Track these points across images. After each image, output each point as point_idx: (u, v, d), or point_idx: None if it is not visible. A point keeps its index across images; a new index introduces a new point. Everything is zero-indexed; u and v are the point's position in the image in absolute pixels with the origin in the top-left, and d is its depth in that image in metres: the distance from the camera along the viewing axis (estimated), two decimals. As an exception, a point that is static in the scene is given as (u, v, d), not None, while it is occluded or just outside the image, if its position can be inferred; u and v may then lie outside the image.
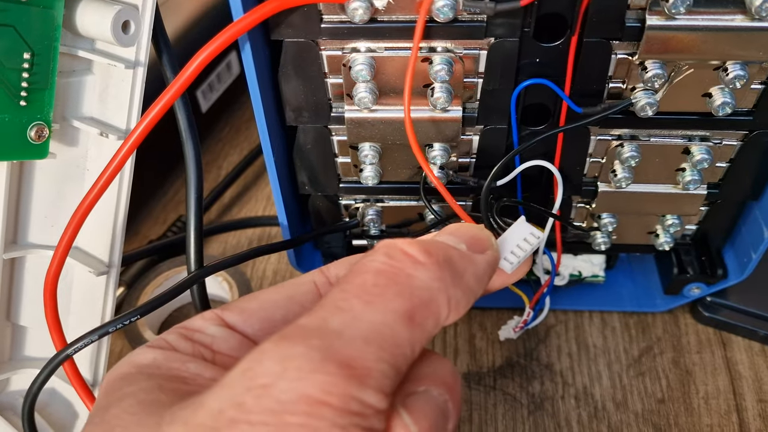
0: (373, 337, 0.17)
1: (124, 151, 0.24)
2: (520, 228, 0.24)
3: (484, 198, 0.27)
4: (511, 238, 0.23)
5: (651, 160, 0.29)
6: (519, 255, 0.23)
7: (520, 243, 0.23)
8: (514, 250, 0.23)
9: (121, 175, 0.28)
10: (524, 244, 0.23)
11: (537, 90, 0.27)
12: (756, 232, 0.31)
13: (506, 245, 0.23)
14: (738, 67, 0.25)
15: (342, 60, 0.26)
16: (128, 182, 0.28)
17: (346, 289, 0.18)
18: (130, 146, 0.24)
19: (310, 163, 0.31)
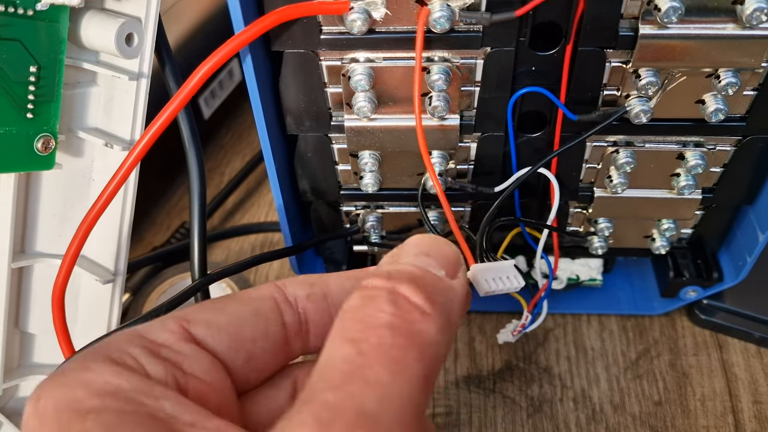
0: (406, 416, 0.16)
1: (128, 163, 0.25)
2: (509, 268, 0.24)
3: (483, 229, 0.27)
4: (496, 269, 0.24)
5: (646, 166, 0.29)
6: (493, 287, 0.23)
7: (502, 278, 0.24)
8: (493, 280, 0.23)
9: (126, 184, 0.28)
10: (505, 281, 0.23)
11: (533, 98, 0.27)
12: (750, 236, 0.32)
13: (489, 272, 0.24)
14: (730, 74, 0.26)
15: (341, 70, 0.27)
16: (133, 192, 0.29)
17: (365, 352, 0.16)
18: (134, 158, 0.25)
19: (311, 171, 0.31)
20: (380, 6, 0.24)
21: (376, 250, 0.34)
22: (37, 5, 0.24)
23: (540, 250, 0.31)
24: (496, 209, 0.28)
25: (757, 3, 0.23)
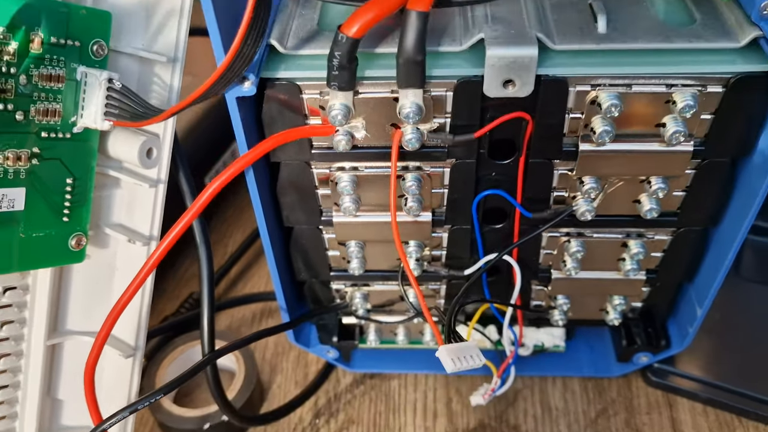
0: None
1: (149, 265, 0.29)
2: (472, 348, 0.29)
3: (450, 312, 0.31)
4: (461, 349, 0.28)
5: (595, 252, 0.34)
6: (458, 366, 0.28)
7: (466, 357, 0.28)
8: (458, 359, 0.28)
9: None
10: (469, 360, 0.28)
11: (495, 197, 0.32)
12: (691, 310, 0.36)
13: (455, 352, 0.28)
14: (660, 180, 0.30)
15: (330, 177, 0.31)
16: (151, 283, 0.33)
17: None
18: (154, 261, 0.29)
19: (305, 255, 0.35)
20: (361, 129, 0.29)
21: (363, 322, 0.39)
22: (73, 129, 0.29)
23: (506, 323, 0.35)
24: (464, 293, 0.32)
25: (675, 127, 0.28)
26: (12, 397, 0.34)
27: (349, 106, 0.27)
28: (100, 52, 0.29)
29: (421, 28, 0.25)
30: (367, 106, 0.28)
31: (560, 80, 0.27)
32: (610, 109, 0.27)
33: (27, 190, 0.28)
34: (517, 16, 0.27)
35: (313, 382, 0.40)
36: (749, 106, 0.27)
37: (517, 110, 0.28)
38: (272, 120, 0.29)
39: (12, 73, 0.26)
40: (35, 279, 0.32)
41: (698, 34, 0.27)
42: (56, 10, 0.27)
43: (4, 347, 0.32)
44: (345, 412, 0.40)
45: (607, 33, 0.27)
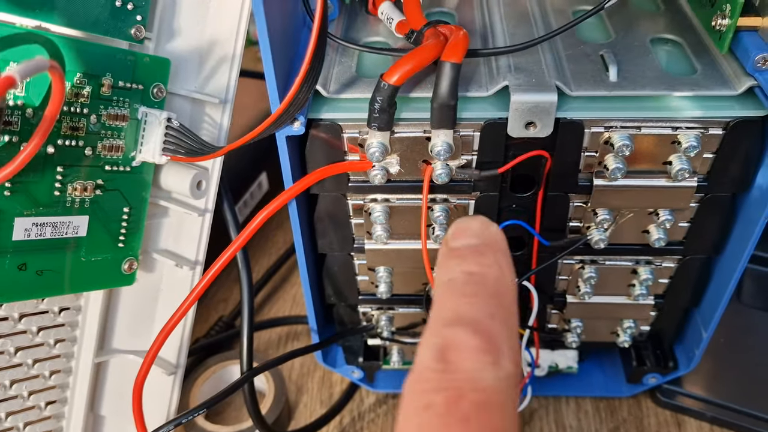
0: None
1: (199, 288, 0.32)
2: None
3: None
4: None
5: (607, 279, 0.36)
6: None
7: None
8: None
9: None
10: None
11: (515, 226, 0.34)
12: (696, 332, 0.38)
13: None
14: (667, 212, 0.33)
15: (363, 207, 0.34)
16: (194, 308, 0.36)
17: None
18: (205, 283, 0.32)
19: (336, 281, 0.38)
20: (395, 165, 0.32)
21: (387, 344, 0.41)
22: (132, 163, 0.32)
23: (524, 345, 0.38)
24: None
25: (681, 164, 0.30)
26: (59, 413, 0.36)
27: (385, 144, 0.30)
28: (159, 95, 0.32)
29: (454, 77, 0.28)
30: (401, 144, 0.31)
31: (576, 122, 0.30)
32: (621, 148, 0.30)
33: (90, 217, 0.31)
34: (537, 66, 0.30)
35: (338, 402, 0.42)
36: (746, 147, 0.30)
37: (537, 149, 0.31)
38: (315, 156, 0.32)
39: (85, 113, 0.29)
40: (87, 300, 0.35)
41: (699, 83, 0.30)
42: (124, 58, 0.30)
43: (55, 364, 0.35)
44: (369, 430, 0.42)
45: (618, 81, 0.30)
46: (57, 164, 0.29)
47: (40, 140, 0.25)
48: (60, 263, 0.31)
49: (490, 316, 0.18)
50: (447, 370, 0.16)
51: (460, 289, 0.19)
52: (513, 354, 0.17)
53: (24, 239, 0.29)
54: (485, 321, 0.17)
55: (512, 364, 0.17)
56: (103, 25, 0.29)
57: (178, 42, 0.32)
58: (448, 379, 0.16)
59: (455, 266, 0.20)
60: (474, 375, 0.16)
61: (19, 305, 0.32)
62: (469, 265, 0.19)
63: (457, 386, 0.16)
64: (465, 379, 0.16)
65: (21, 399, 0.34)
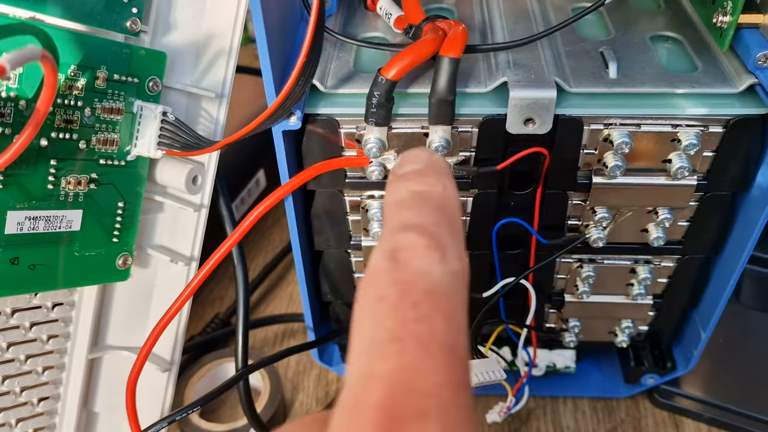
0: None
1: (191, 288, 0.31)
2: (492, 363, 0.31)
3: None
4: (482, 364, 0.31)
5: (605, 278, 0.36)
6: (481, 380, 0.30)
7: (487, 371, 0.30)
8: (480, 374, 0.30)
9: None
10: (490, 374, 0.30)
11: (513, 224, 0.34)
12: (695, 333, 0.38)
13: (476, 368, 0.30)
14: (666, 211, 0.33)
15: (360, 204, 0.34)
16: (189, 305, 0.35)
17: None
18: (199, 279, 0.31)
19: (333, 278, 0.38)
20: (393, 161, 0.31)
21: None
22: (127, 157, 0.32)
23: (521, 344, 0.37)
24: (484, 314, 0.34)
25: (680, 162, 0.30)
26: (52, 409, 0.36)
27: (383, 140, 0.30)
28: (155, 88, 0.31)
29: (452, 72, 0.27)
30: (399, 139, 0.31)
31: (576, 119, 0.30)
32: (621, 146, 0.30)
33: (84, 212, 0.31)
34: (536, 62, 0.30)
35: (334, 400, 0.42)
36: (747, 145, 0.30)
37: (536, 146, 0.31)
38: (311, 152, 0.31)
39: (79, 106, 0.29)
40: (81, 296, 0.34)
41: (699, 80, 0.29)
42: (120, 51, 0.29)
43: (48, 360, 0.34)
44: (365, 428, 0.41)
45: (618, 78, 0.30)
46: (50, 157, 0.29)
47: (32, 132, 0.25)
48: (53, 258, 0.30)
49: (436, 224, 0.19)
50: (398, 268, 0.17)
51: (407, 204, 0.20)
52: (459, 253, 0.18)
53: (16, 233, 0.28)
54: (431, 227, 0.19)
55: (459, 262, 0.18)
56: (98, 17, 0.28)
57: (174, 35, 0.32)
58: (399, 275, 0.17)
59: (402, 187, 0.21)
60: (423, 269, 0.17)
61: (12, 300, 0.31)
62: (415, 185, 0.20)
63: (407, 279, 0.17)
64: (415, 273, 0.17)
65: (13, 395, 0.33)
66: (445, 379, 0.15)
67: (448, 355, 0.16)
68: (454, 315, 0.17)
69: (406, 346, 0.15)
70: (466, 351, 0.16)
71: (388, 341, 0.16)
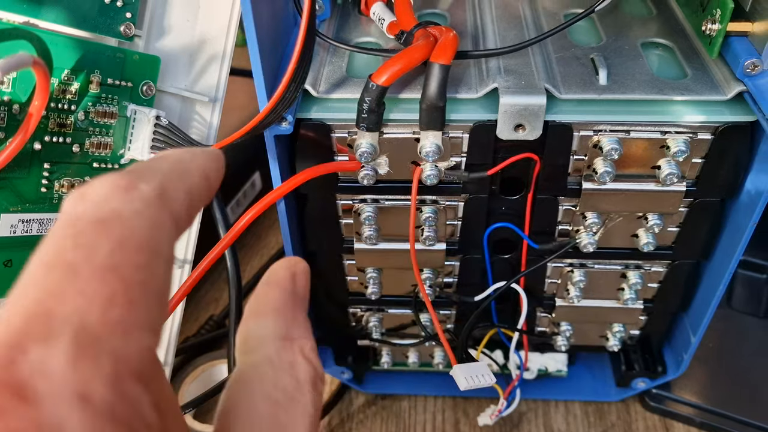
0: None
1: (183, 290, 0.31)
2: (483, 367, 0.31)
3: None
4: (473, 368, 0.31)
5: (596, 282, 0.36)
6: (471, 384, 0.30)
7: (477, 375, 0.31)
8: (471, 377, 0.30)
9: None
10: (480, 379, 0.31)
11: (504, 229, 0.34)
12: (685, 338, 0.38)
13: (467, 371, 0.31)
14: (656, 216, 0.33)
15: (353, 208, 0.34)
16: (181, 307, 0.36)
17: None
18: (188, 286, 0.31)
19: (325, 281, 0.38)
20: (384, 166, 0.32)
21: (377, 345, 0.41)
22: (121, 160, 0.32)
23: (513, 347, 0.38)
24: (476, 318, 0.35)
25: (669, 169, 0.30)
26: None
27: (375, 145, 0.30)
28: (148, 92, 0.32)
29: (443, 78, 0.28)
30: (390, 145, 0.31)
31: (566, 126, 0.30)
32: (610, 152, 0.30)
33: (78, 215, 0.31)
34: (527, 68, 0.30)
35: (327, 402, 0.42)
36: (735, 152, 0.30)
37: (526, 151, 0.31)
38: (304, 156, 0.32)
39: (72, 110, 0.29)
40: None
41: (689, 87, 0.30)
42: (113, 55, 0.30)
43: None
44: (358, 431, 0.42)
45: (608, 85, 0.30)
46: (44, 161, 0.29)
47: (25, 136, 0.25)
48: (46, 260, 0.31)
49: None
50: (75, 206, 0.15)
51: None
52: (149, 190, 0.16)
53: (10, 235, 0.29)
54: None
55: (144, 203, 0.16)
56: (92, 22, 0.29)
57: (168, 40, 0.32)
58: (74, 214, 0.15)
59: None
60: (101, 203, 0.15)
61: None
62: None
63: (79, 215, 0.15)
64: (92, 207, 0.15)
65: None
66: (92, 301, 0.14)
67: (103, 276, 0.14)
68: (131, 240, 0.15)
69: (53, 272, 0.14)
70: (144, 272, 0.15)
71: (41, 272, 0.14)
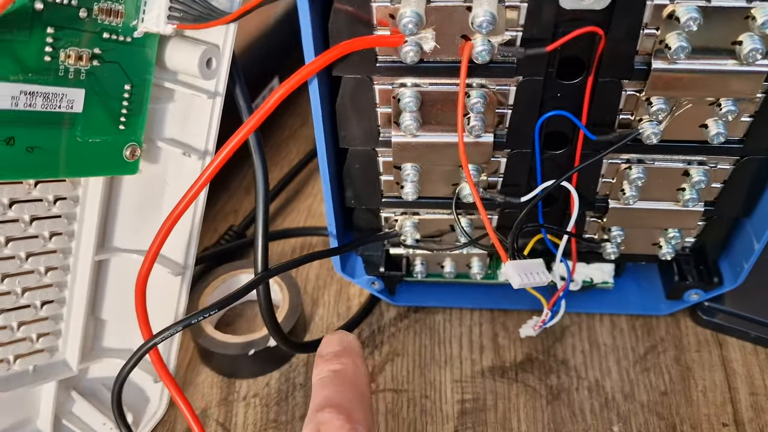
0: None
1: (205, 176, 0.29)
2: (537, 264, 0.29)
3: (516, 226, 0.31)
4: (526, 266, 0.28)
5: (655, 181, 0.33)
6: (525, 282, 0.28)
7: (532, 273, 0.28)
8: (525, 275, 0.28)
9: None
10: (535, 276, 0.28)
11: (558, 120, 0.31)
12: (747, 245, 0.35)
13: (521, 268, 0.28)
14: (730, 102, 0.29)
15: (392, 93, 0.31)
16: (204, 197, 0.33)
17: None
18: (210, 172, 0.29)
19: (358, 181, 0.35)
20: (430, 40, 0.28)
21: (411, 253, 0.38)
22: (134, 33, 0.28)
23: (560, 254, 0.35)
24: (525, 215, 0.32)
25: (752, 44, 0.27)
26: (57, 314, 0.33)
27: (420, 14, 0.27)
28: (163, -48, 0.28)
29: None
30: (438, 14, 0.27)
31: (639, -10, 0.26)
32: (688, 23, 0.26)
33: (86, 91, 0.28)
34: None
35: (357, 314, 0.40)
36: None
37: (590, 25, 0.27)
38: (339, 30, 0.28)
39: (78, -35, 0.25)
40: (86, 190, 0.32)
41: (788, -58, 0.26)
42: None
43: (51, 260, 0.32)
44: (389, 344, 0.39)
45: (692, -59, 0.26)
46: (46, 24, 0.25)
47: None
48: (53, 141, 0.27)
49: (349, 400, 0.26)
50: None
51: (328, 382, 0.27)
52: (368, 422, 0.26)
53: (11, 108, 0.25)
54: (345, 403, 0.26)
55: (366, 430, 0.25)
56: None
57: None
58: None
59: (324, 367, 0.28)
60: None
61: (9, 189, 0.28)
62: (333, 365, 0.28)
63: None
64: None
65: (14, 296, 0.31)
66: None
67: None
68: None
69: None
70: None
71: None
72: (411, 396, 0.37)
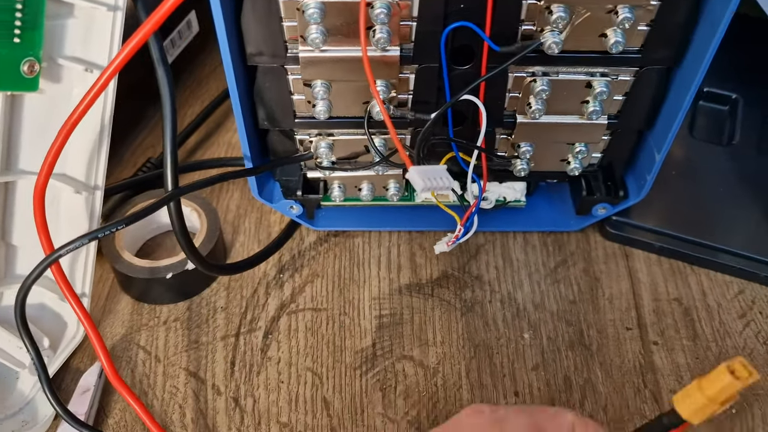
0: None
1: (105, 76, 0.28)
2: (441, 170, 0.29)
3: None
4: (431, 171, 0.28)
5: (560, 93, 0.34)
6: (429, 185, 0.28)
7: (436, 178, 0.28)
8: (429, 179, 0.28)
9: (104, 103, 0.32)
10: (439, 181, 0.28)
11: (463, 33, 0.31)
12: (649, 157, 0.37)
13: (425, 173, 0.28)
14: (626, 10, 0.30)
15: (296, 5, 0.30)
16: (111, 110, 0.32)
17: None
18: (111, 72, 0.28)
19: (269, 101, 0.35)
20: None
21: (328, 174, 0.39)
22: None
23: (471, 170, 0.36)
24: (431, 125, 0.32)
25: (643, -52, 0.28)
26: (-37, 242, 0.33)
27: None
28: None
29: None
30: None
31: None
32: (581, -73, 0.27)
33: (-25, 1, 0.27)
34: None
35: (277, 238, 0.40)
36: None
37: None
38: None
39: None
40: (-15, 111, 0.31)
41: None
42: None
43: (-46, 185, 0.31)
44: (309, 267, 0.40)
45: None
46: None
47: None
48: (-59, 50, 0.27)
49: None
50: None
51: None
52: None
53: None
54: None
55: None
56: None
57: None
58: None
59: None
60: None
61: None
62: None
63: None
64: None
65: None
66: None
67: None
68: None
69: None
70: None
71: None
72: (330, 314, 0.38)
